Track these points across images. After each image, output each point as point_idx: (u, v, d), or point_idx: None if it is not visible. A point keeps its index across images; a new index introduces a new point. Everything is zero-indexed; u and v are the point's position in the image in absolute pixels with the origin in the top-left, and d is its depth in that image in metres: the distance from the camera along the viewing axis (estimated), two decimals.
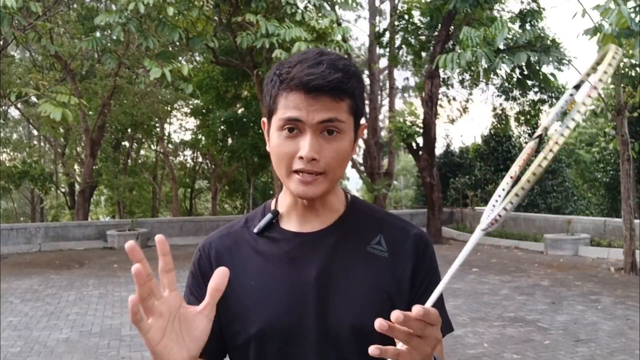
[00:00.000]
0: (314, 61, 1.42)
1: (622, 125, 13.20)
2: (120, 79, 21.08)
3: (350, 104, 1.47)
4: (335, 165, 1.46)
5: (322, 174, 1.45)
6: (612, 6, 10.99)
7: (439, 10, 19.25)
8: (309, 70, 1.40)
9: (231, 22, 15.75)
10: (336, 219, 1.60)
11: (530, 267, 14.40)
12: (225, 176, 30.71)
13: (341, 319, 1.49)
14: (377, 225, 1.61)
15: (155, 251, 1.20)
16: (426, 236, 1.66)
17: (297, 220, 1.60)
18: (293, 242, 1.57)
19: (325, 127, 1.43)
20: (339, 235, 1.57)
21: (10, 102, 17.64)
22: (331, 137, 1.44)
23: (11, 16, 12.68)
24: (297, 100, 1.41)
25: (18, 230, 18.85)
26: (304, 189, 1.45)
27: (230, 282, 1.47)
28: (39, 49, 20.16)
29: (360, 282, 1.52)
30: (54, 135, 27.15)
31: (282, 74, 1.45)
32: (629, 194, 13.33)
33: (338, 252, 1.55)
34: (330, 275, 1.52)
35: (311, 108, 1.41)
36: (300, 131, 1.43)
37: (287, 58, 1.53)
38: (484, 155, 26.32)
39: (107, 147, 27.84)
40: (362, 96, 1.53)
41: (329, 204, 1.60)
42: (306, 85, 1.39)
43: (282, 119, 1.43)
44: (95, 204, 38.92)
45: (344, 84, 1.42)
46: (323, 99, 1.41)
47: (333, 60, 1.44)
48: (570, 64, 16.63)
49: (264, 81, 1.55)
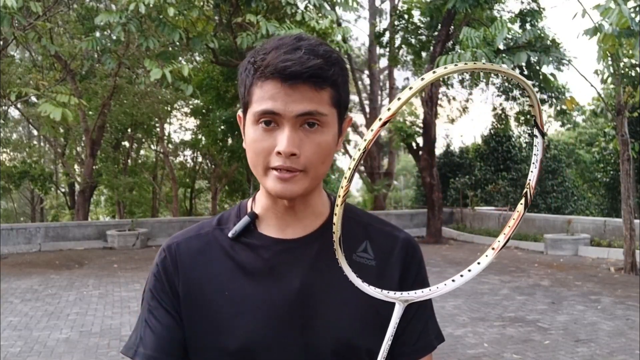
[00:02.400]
0: (291, 47, 1.28)
1: (622, 125, 13.21)
2: (120, 79, 21.09)
3: (332, 93, 1.32)
4: (317, 161, 1.32)
5: (302, 171, 1.31)
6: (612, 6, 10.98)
7: (439, 10, 19.26)
8: (285, 56, 1.26)
9: (231, 22, 15.78)
10: (320, 225, 1.47)
11: (530, 267, 14.40)
12: (225, 176, 30.70)
13: (326, 335, 1.38)
14: (362, 231, 1.49)
15: (154, 250, 1.19)
16: (414, 241, 1.55)
17: (277, 224, 1.45)
18: (272, 250, 1.43)
19: (305, 119, 1.29)
20: (323, 243, 1.41)
21: (10, 102, 17.64)
22: (312, 130, 1.30)
23: (11, 16, 12.67)
24: (273, 90, 1.27)
25: (18, 230, 18.86)
26: (282, 186, 1.31)
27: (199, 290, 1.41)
28: (39, 49, 20.14)
29: (346, 295, 1.37)
30: (54, 135, 27.17)
31: (256, 62, 1.31)
32: (629, 193, 13.33)
33: (322, 262, 1.41)
34: (313, 287, 1.40)
35: (289, 99, 1.27)
36: (277, 124, 1.29)
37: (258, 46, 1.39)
38: (484, 155, 26.35)
39: (107, 147, 27.82)
40: (345, 86, 1.37)
41: (311, 206, 1.46)
42: (282, 73, 1.25)
43: (257, 112, 1.29)
44: (95, 204, 38.94)
45: (325, 71, 1.28)
46: (302, 88, 1.27)
47: (312, 45, 1.31)
48: (570, 64, 16.63)
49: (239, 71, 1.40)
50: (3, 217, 38.07)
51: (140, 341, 1.44)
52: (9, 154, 32.88)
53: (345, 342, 1.39)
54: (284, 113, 1.27)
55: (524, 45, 15.32)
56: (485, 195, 24.69)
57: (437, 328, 1.55)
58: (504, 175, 25.16)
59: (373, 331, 1.39)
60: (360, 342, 1.40)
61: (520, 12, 19.48)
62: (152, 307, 1.46)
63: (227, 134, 23.92)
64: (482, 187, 24.94)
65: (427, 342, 1.50)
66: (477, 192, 24.46)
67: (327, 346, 1.38)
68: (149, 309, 1.47)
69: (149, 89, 22.31)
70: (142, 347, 1.42)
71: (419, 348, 1.48)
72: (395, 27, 22.42)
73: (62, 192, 34.33)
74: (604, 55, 12.22)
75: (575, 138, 33.39)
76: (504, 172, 25.32)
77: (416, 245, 1.54)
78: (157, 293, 1.46)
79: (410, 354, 1.48)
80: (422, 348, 1.49)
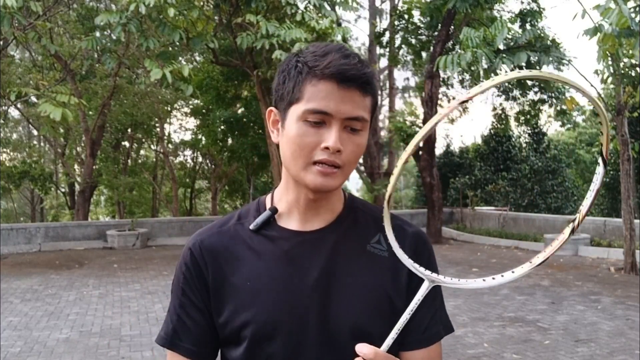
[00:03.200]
0: (343, 53, 1.38)
1: (622, 125, 13.21)
2: (120, 79, 21.12)
3: (372, 101, 1.44)
4: (353, 160, 1.42)
5: (340, 168, 1.40)
6: (612, 6, 10.99)
7: (439, 10, 19.29)
8: (344, 60, 1.36)
9: (231, 22, 15.78)
10: (335, 218, 1.55)
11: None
12: (225, 176, 30.76)
13: (343, 320, 1.45)
14: (376, 224, 1.55)
15: (154, 250, 1.20)
16: (424, 235, 1.62)
17: (298, 218, 1.53)
18: (292, 241, 1.51)
19: (351, 123, 1.38)
20: (339, 234, 1.52)
21: (10, 102, 17.64)
22: (353, 133, 1.40)
23: (11, 16, 12.68)
24: (328, 89, 1.35)
25: (18, 230, 18.85)
26: (323, 180, 1.39)
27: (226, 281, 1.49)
28: (39, 49, 20.16)
29: (362, 283, 1.47)
30: (54, 135, 27.19)
31: (308, 62, 1.38)
32: (629, 194, 13.33)
33: (339, 252, 1.50)
34: (331, 276, 1.48)
35: (341, 100, 1.35)
36: (325, 123, 1.37)
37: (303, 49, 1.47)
38: (484, 155, 26.38)
39: (107, 147, 27.85)
40: None
41: (331, 202, 1.55)
42: (342, 75, 1.35)
43: (308, 109, 1.37)
44: (95, 204, 38.97)
45: (372, 79, 1.40)
46: (353, 92, 1.37)
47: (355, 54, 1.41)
48: (571, 64, 16.63)
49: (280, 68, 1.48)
50: (3, 217, 38.06)
51: (175, 334, 1.54)
52: (9, 154, 32.90)
53: (359, 326, 1.45)
54: (335, 113, 1.37)
55: (524, 45, 15.34)
56: (485, 195, 24.71)
57: (446, 319, 1.60)
58: (504, 175, 25.18)
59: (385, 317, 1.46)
60: (374, 327, 1.46)
61: (520, 12, 19.53)
62: (184, 304, 1.55)
63: (227, 134, 23.99)
64: (482, 187, 24.96)
65: (435, 332, 1.55)
66: (477, 192, 24.49)
67: (342, 330, 1.45)
68: (180, 305, 1.56)
69: (149, 89, 22.34)
70: (180, 341, 1.53)
71: (426, 337, 1.54)
72: (395, 27, 22.45)
73: (62, 192, 34.36)
74: (604, 55, 12.23)
75: (575, 138, 33.44)
76: (504, 172, 25.35)
77: (426, 239, 1.61)
78: (188, 290, 1.55)
79: (418, 342, 1.53)
80: (429, 338, 1.54)
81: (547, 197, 24.79)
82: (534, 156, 25.61)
